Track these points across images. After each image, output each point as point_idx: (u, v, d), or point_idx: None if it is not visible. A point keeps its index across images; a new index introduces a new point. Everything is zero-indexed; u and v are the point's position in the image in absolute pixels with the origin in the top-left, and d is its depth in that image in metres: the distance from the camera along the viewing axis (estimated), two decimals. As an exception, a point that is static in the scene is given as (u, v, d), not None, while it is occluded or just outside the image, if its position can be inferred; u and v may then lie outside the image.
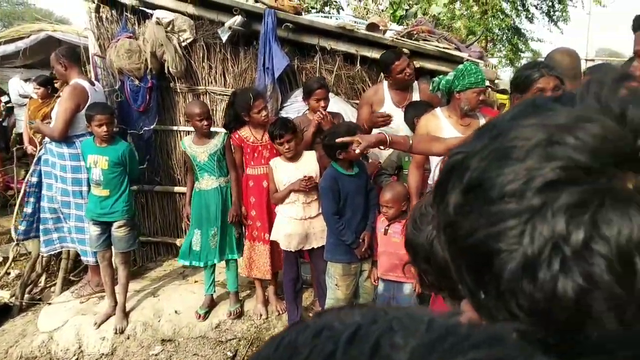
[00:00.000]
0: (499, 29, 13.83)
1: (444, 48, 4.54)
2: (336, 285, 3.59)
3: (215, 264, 4.17)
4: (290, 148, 3.66)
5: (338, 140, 2.98)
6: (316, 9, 13.07)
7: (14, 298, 4.99)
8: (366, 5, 13.89)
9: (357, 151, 2.82)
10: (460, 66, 3.38)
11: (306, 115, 4.20)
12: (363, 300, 3.69)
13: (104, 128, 3.96)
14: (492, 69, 4.96)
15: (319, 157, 3.82)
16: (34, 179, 4.62)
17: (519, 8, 13.69)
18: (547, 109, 0.47)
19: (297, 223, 3.70)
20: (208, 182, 4.10)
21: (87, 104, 4.28)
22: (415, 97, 4.16)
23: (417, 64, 4.56)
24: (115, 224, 4.12)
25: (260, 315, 4.24)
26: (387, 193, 3.33)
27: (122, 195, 4.10)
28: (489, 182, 0.45)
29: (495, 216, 0.44)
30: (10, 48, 6.55)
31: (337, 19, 5.97)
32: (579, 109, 0.45)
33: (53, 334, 4.16)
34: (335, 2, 14.32)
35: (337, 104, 4.50)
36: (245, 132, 4.05)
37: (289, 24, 4.64)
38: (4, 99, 7.77)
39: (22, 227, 4.68)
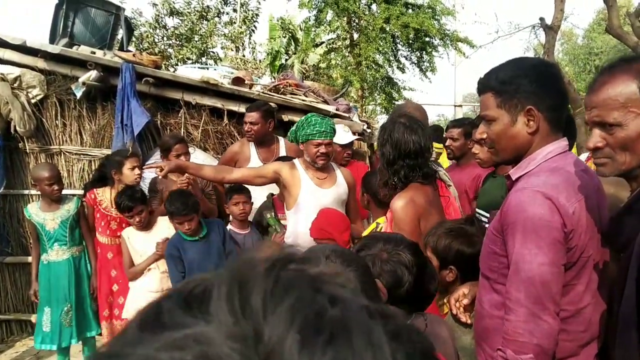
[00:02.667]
0: (374, 79, 14.41)
1: (310, 101, 4.55)
2: None
3: (69, 345, 3.74)
4: (142, 220, 3.43)
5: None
6: (192, 59, 12.96)
7: None
8: (243, 56, 14.01)
9: (161, 175, 3.14)
10: (302, 117, 3.37)
11: (168, 178, 3.97)
12: None
13: None
14: (359, 122, 5.03)
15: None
16: None
17: (391, 59, 14.38)
18: (174, 324, 0.33)
19: (153, 296, 3.39)
20: (58, 253, 3.70)
21: None
22: (282, 151, 4.09)
23: (286, 117, 4.54)
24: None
25: None
26: None
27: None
28: None
29: None
30: None
31: (214, 69, 5.86)
32: (200, 329, 0.32)
33: None
34: (213, 52, 14.30)
35: (205, 161, 4.32)
36: (101, 196, 3.76)
37: (149, 79, 4.43)
38: None
39: None
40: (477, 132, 1.90)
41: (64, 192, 3.92)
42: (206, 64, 12.28)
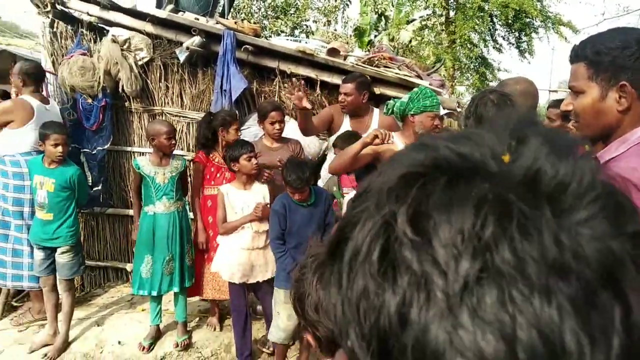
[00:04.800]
0: (467, 58, 14.02)
1: (404, 75, 4.51)
2: (277, 312, 3.47)
3: (163, 293, 3.97)
4: (254, 167, 3.55)
5: None
6: (285, 32, 13.11)
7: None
8: (335, 30, 14.01)
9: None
10: (416, 89, 3.33)
11: (262, 139, 4.10)
12: None
13: (59, 148, 3.77)
14: (453, 98, 4.93)
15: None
16: None
17: (487, 38, 13.92)
18: None
19: (243, 253, 3.55)
20: (165, 206, 3.88)
21: (34, 122, 4.10)
22: (375, 124, 4.10)
23: (378, 90, 4.52)
24: (59, 250, 3.91)
25: (215, 327, 4.18)
26: None
27: (66, 220, 3.90)
28: None
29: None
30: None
31: (305, 42, 5.93)
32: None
33: (-15, 366, 3.91)
34: (306, 26, 14.40)
35: (297, 130, 4.40)
36: (211, 152, 4.09)
37: (248, 46, 4.55)
38: None
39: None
40: (563, 104, 1.79)
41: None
42: (298, 37, 12.40)
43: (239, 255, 3.55)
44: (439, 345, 0.33)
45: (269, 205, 3.55)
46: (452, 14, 13.74)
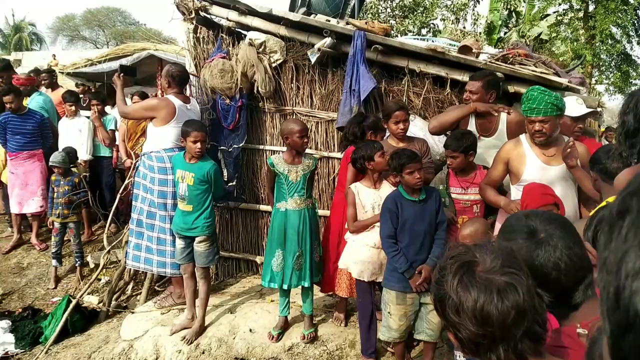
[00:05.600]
0: (608, 55, 13.03)
1: (541, 73, 4.29)
2: (389, 313, 3.45)
3: (291, 287, 4.11)
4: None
5: None
6: (413, 32, 13.01)
7: (101, 304, 5.23)
8: (464, 27, 13.61)
9: None
10: (525, 91, 3.22)
11: (387, 140, 4.09)
12: (426, 335, 3.49)
13: (199, 145, 4.06)
14: (594, 97, 4.61)
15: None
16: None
17: (631, 33, 12.84)
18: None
19: (372, 251, 3.58)
20: (296, 202, 4.00)
21: (175, 120, 4.43)
22: (502, 124, 3.95)
23: (512, 88, 4.36)
24: (197, 239, 4.19)
25: (341, 322, 4.25)
26: (465, 229, 3.13)
27: (204, 212, 4.17)
28: None
29: None
30: (114, 65, 6.99)
31: (432, 41, 5.86)
32: None
33: (133, 343, 4.28)
34: (433, 24, 14.19)
35: (423, 130, 4.36)
36: None
37: (378, 46, 4.58)
38: None
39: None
40: None
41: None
42: (425, 37, 12.24)
43: (368, 253, 3.59)
44: None
45: None
46: (591, 7, 12.83)
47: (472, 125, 3.99)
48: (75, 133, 6.46)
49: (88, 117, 6.68)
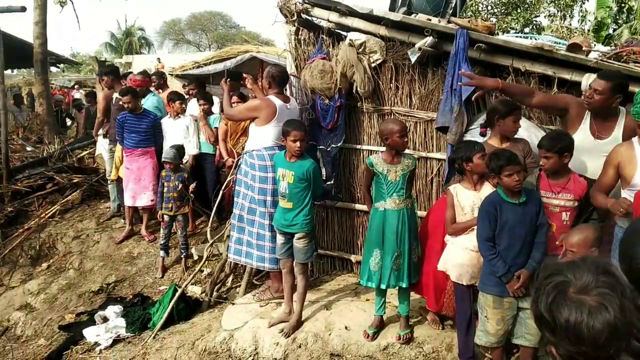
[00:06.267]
0: None
1: (660, 71, 4.00)
2: (485, 317, 3.36)
3: (388, 287, 4.11)
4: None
5: None
6: (516, 29, 12.54)
7: (204, 294, 5.50)
8: (570, 24, 12.94)
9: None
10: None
11: (487, 141, 3.99)
12: (524, 340, 3.37)
13: (298, 144, 4.18)
14: None
15: None
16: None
17: None
18: None
19: (471, 254, 3.51)
20: (395, 202, 3.99)
21: (276, 120, 4.58)
22: (619, 129, 3.72)
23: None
24: (296, 236, 4.30)
25: (438, 325, 4.23)
26: (573, 236, 2.98)
27: (303, 210, 4.27)
28: None
29: None
30: (219, 67, 7.34)
31: (535, 39, 5.64)
32: None
33: (233, 333, 4.47)
34: (536, 22, 13.60)
35: (527, 130, 4.21)
36: None
37: (481, 45, 4.47)
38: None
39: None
40: None
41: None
42: (528, 34, 11.78)
43: (467, 256, 3.53)
44: None
45: None
46: None
47: (586, 123, 3.79)
48: (180, 131, 6.82)
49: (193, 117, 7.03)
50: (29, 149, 9.74)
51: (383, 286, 4.04)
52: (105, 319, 5.37)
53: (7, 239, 7.40)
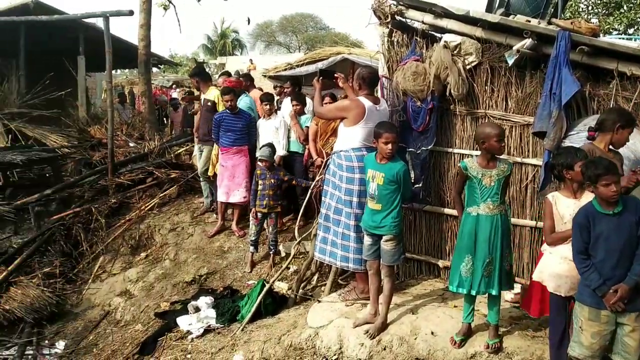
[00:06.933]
0: None
1: None
2: (580, 327, 3.22)
3: (477, 294, 4.03)
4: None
5: None
6: (618, 30, 11.84)
7: (290, 291, 5.63)
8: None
9: None
10: None
11: (592, 144, 3.81)
12: (621, 358, 3.18)
13: (389, 146, 4.18)
14: None
15: None
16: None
17: None
18: None
19: (570, 264, 3.34)
20: (489, 208, 3.90)
21: (364, 121, 4.62)
22: None
23: None
24: (384, 238, 4.31)
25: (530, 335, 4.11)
26: None
27: (392, 212, 4.27)
28: None
29: None
30: (311, 68, 7.47)
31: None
32: None
33: (319, 331, 4.54)
34: (640, 22, 12.76)
35: (632, 137, 3.97)
36: None
37: (584, 47, 4.28)
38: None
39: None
40: None
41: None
42: (631, 36, 11.10)
43: (566, 267, 3.39)
44: None
45: None
46: None
47: None
48: (271, 132, 7.02)
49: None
50: (131, 144, 10.36)
51: (473, 292, 3.96)
52: (197, 309, 5.63)
53: (111, 229, 7.95)
